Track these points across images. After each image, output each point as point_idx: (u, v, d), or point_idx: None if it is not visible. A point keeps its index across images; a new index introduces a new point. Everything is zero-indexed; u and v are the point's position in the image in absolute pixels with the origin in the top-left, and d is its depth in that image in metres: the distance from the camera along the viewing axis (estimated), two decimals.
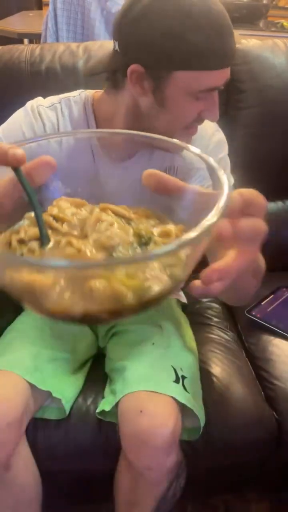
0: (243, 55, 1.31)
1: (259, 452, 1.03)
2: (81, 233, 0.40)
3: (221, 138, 0.96)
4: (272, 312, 1.18)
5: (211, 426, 0.94)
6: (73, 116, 0.88)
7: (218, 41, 0.71)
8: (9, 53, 1.26)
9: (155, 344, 0.95)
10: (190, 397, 0.88)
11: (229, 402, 0.97)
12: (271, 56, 1.31)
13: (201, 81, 0.74)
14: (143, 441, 0.81)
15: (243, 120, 1.33)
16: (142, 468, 0.85)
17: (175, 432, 0.82)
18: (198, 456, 0.96)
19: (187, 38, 0.69)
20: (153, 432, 0.80)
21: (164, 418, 0.81)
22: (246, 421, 0.97)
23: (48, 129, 0.88)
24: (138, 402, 0.84)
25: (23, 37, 2.42)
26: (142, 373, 0.88)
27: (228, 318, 1.24)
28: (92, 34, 1.88)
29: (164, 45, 0.70)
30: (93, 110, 0.87)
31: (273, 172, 1.38)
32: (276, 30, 2.72)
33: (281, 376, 1.04)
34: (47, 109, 0.89)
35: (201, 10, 0.69)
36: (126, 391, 0.85)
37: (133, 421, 0.82)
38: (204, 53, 0.70)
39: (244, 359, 1.10)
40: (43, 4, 3.50)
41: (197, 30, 0.69)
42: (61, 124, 0.88)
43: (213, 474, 1.13)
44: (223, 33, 0.71)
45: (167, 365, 0.90)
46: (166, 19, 0.69)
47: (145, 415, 0.81)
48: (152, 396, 0.84)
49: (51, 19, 1.93)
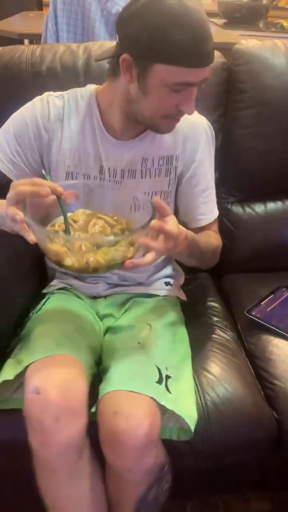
0: (243, 55, 1.32)
1: (259, 452, 1.03)
2: (85, 229, 0.86)
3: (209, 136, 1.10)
4: (272, 312, 1.18)
5: (211, 426, 0.94)
6: (78, 106, 1.03)
7: (194, 43, 0.82)
8: (10, 54, 1.26)
9: (140, 343, 0.95)
10: (173, 397, 0.87)
11: (229, 401, 0.97)
12: (271, 56, 1.31)
13: (176, 76, 0.84)
14: (118, 442, 0.81)
15: (243, 120, 1.33)
16: (118, 469, 0.85)
17: (151, 433, 0.81)
18: (198, 456, 0.96)
19: (168, 36, 0.81)
20: (128, 433, 0.80)
21: (140, 419, 0.81)
22: (246, 421, 0.97)
23: (53, 115, 1.02)
24: (115, 402, 0.84)
25: (23, 38, 2.42)
26: (124, 373, 0.88)
27: (228, 317, 1.24)
28: (92, 35, 1.89)
29: (148, 40, 0.82)
30: (97, 101, 1.01)
31: (273, 172, 1.38)
32: (276, 31, 2.72)
33: (281, 375, 1.04)
34: (56, 98, 1.04)
35: (183, 15, 0.81)
36: (106, 390, 0.86)
37: (109, 422, 0.82)
38: (181, 51, 0.82)
39: (244, 358, 1.11)
40: (43, 4, 3.51)
41: (177, 30, 0.80)
42: (66, 112, 1.02)
43: (213, 474, 1.13)
44: (200, 37, 0.82)
45: (151, 364, 0.90)
46: (153, 19, 0.81)
47: (121, 416, 0.81)
48: (131, 396, 0.84)
49: (51, 19, 1.93)
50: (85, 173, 1.04)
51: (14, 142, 1.03)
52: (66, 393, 0.82)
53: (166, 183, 1.07)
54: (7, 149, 1.03)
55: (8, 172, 1.04)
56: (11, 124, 1.04)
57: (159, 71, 0.84)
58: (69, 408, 0.81)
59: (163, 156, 1.05)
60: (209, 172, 1.11)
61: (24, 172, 1.04)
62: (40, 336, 0.95)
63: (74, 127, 1.03)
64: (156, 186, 1.06)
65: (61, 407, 0.80)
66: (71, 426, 0.81)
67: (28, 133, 1.02)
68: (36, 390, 0.81)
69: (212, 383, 0.99)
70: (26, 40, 2.46)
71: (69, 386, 0.83)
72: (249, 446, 0.99)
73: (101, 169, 1.04)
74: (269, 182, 1.41)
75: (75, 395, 0.83)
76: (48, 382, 0.82)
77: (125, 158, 1.03)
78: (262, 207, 1.41)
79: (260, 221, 1.38)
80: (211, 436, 0.94)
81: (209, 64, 0.86)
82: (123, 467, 0.84)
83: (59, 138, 1.03)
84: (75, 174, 1.04)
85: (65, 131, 1.03)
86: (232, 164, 1.29)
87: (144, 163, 1.04)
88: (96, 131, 1.02)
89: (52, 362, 0.87)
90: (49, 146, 1.03)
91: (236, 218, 1.32)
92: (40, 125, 1.02)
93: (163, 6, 0.81)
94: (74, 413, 0.82)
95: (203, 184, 1.10)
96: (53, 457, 0.83)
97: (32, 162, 1.05)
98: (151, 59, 0.84)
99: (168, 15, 0.80)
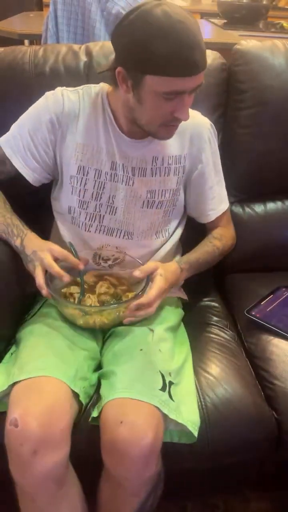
0: (242, 55, 1.32)
1: (259, 452, 1.03)
2: (93, 290, 1.06)
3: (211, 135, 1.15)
4: (271, 312, 1.18)
5: (211, 426, 0.94)
6: (92, 102, 1.05)
7: (179, 53, 0.83)
8: (13, 54, 1.26)
9: (143, 350, 0.94)
10: (175, 405, 0.87)
11: (229, 401, 0.97)
12: (271, 56, 1.32)
13: (165, 86, 0.87)
14: (121, 451, 0.80)
15: (243, 120, 1.33)
16: (119, 478, 0.85)
17: (154, 443, 0.81)
18: (198, 456, 0.96)
19: (153, 48, 0.83)
20: (132, 443, 0.80)
21: (144, 429, 0.81)
22: (245, 420, 0.97)
23: (67, 108, 1.04)
24: (120, 410, 0.83)
25: (23, 38, 2.42)
26: (128, 380, 0.88)
27: (227, 317, 1.24)
28: (92, 35, 1.89)
29: (138, 53, 0.85)
30: (108, 101, 1.05)
31: (273, 172, 1.38)
32: (276, 31, 2.73)
33: (280, 375, 1.04)
34: (70, 92, 1.06)
35: (167, 26, 0.83)
36: (110, 397, 0.85)
37: (113, 430, 0.81)
38: (167, 62, 0.84)
39: (244, 359, 1.11)
40: (43, 5, 3.52)
41: (161, 42, 0.83)
42: (81, 107, 1.05)
43: (213, 474, 1.13)
44: (186, 47, 0.84)
45: (155, 371, 0.90)
46: (140, 31, 0.84)
47: (125, 425, 0.80)
48: (135, 404, 0.83)
49: (51, 20, 1.93)
50: (96, 168, 1.06)
51: (28, 139, 1.05)
52: (46, 425, 0.79)
53: (175, 181, 1.10)
54: (20, 145, 1.06)
55: (20, 168, 1.07)
56: (25, 119, 1.07)
57: (150, 82, 0.87)
58: (48, 440, 0.79)
59: (172, 155, 1.08)
60: (215, 169, 1.16)
61: (37, 169, 1.07)
62: (31, 349, 0.94)
63: (88, 121, 1.04)
64: (165, 184, 1.09)
65: (40, 439, 0.78)
66: (49, 458, 0.79)
67: (42, 128, 1.04)
68: (14, 422, 0.79)
69: (212, 384, 1.00)
70: (26, 40, 2.46)
71: (50, 417, 0.81)
72: (249, 446, 0.99)
73: (113, 164, 1.06)
74: (269, 182, 1.41)
75: (56, 425, 0.81)
76: (28, 412, 0.80)
77: (137, 156, 1.06)
78: (262, 207, 1.41)
79: (260, 221, 1.38)
80: (211, 437, 0.94)
81: (199, 72, 0.87)
82: (124, 477, 0.84)
83: (73, 132, 1.04)
84: (86, 168, 1.06)
85: (79, 125, 1.04)
86: (232, 164, 1.29)
87: (154, 162, 1.07)
88: (109, 128, 1.04)
89: (37, 386, 0.85)
90: (62, 139, 1.05)
91: (236, 218, 1.32)
92: (54, 119, 1.03)
93: (149, 18, 0.83)
94: (53, 445, 0.80)
95: (210, 181, 1.15)
96: (31, 487, 0.82)
97: (46, 159, 1.07)
98: (141, 71, 0.87)
99: (153, 27, 0.83)
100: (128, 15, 0.87)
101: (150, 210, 1.10)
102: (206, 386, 0.99)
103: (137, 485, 0.85)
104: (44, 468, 0.79)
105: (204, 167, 1.12)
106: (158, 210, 1.11)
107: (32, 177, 1.08)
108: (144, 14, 0.84)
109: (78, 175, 1.06)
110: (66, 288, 1.04)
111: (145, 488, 0.87)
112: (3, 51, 1.28)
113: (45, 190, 1.15)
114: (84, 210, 1.08)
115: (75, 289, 1.05)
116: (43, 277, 0.96)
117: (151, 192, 1.08)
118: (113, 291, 1.05)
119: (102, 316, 0.98)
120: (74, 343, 0.98)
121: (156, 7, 0.84)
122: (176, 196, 1.12)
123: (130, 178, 1.06)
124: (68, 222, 1.11)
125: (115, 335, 1.03)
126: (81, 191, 1.07)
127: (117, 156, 1.05)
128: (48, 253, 0.96)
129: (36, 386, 0.85)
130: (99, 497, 0.94)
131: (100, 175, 1.06)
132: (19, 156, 1.06)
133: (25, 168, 1.07)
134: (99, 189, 1.06)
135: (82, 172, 1.05)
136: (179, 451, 0.94)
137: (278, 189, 1.43)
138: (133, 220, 1.10)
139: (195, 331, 1.16)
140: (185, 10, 0.87)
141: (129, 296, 1.04)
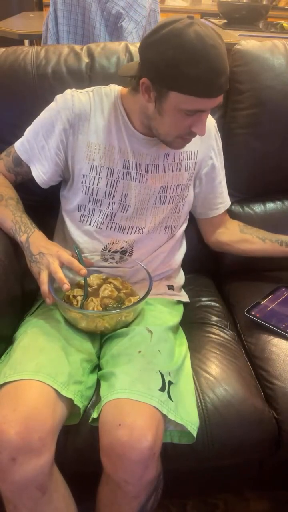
0: (242, 56, 1.32)
1: (259, 452, 1.03)
2: (97, 293, 1.06)
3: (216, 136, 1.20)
4: (271, 312, 1.19)
5: (211, 426, 0.95)
6: (103, 103, 1.06)
7: (209, 77, 0.87)
8: (15, 55, 1.26)
9: (142, 351, 0.94)
10: (174, 406, 0.87)
11: (229, 401, 0.97)
12: (271, 57, 1.32)
13: (189, 104, 0.91)
14: (120, 454, 0.80)
15: (242, 120, 1.33)
16: (119, 481, 0.84)
17: (154, 446, 0.80)
18: (198, 456, 0.96)
19: (184, 70, 0.86)
20: (131, 446, 0.79)
21: (143, 431, 0.80)
22: (245, 420, 0.97)
23: (78, 109, 1.05)
24: (118, 411, 0.83)
25: (23, 38, 2.43)
26: (127, 380, 0.87)
27: (227, 317, 1.24)
28: (92, 35, 1.89)
29: (166, 70, 0.88)
30: (122, 102, 1.06)
31: (272, 172, 1.39)
32: (276, 31, 2.73)
33: (280, 375, 1.05)
34: (80, 93, 1.07)
35: (200, 49, 0.85)
36: (109, 398, 0.85)
37: (112, 433, 0.81)
38: (195, 84, 0.87)
39: (244, 359, 1.11)
40: (43, 5, 3.52)
41: (193, 65, 0.85)
42: (92, 107, 1.06)
43: (213, 474, 1.13)
44: (216, 72, 0.87)
45: (155, 371, 0.90)
46: (170, 50, 0.86)
47: (124, 428, 0.80)
48: (134, 405, 0.83)
49: (51, 20, 1.93)
50: (109, 166, 1.07)
51: (42, 143, 1.07)
52: (23, 433, 0.78)
53: (186, 177, 1.14)
54: (35, 149, 1.08)
55: (34, 171, 1.10)
56: (38, 124, 1.09)
57: (174, 98, 0.90)
58: (27, 447, 0.78)
59: (183, 152, 1.12)
60: (221, 165, 1.23)
61: (48, 173, 1.09)
62: (23, 350, 0.92)
63: (99, 122, 1.06)
64: (177, 179, 1.13)
65: (18, 447, 0.77)
66: (29, 466, 0.78)
67: (54, 132, 1.05)
68: None
69: (212, 385, 1.00)
70: (26, 40, 2.47)
71: (27, 425, 0.79)
72: (249, 446, 0.99)
73: (125, 163, 1.07)
74: (268, 182, 1.41)
75: (34, 433, 0.79)
76: (5, 420, 0.78)
77: (150, 153, 1.08)
78: (261, 207, 1.41)
79: (259, 221, 1.38)
80: (211, 438, 0.94)
81: (222, 93, 0.92)
82: (124, 480, 0.83)
83: (85, 132, 1.05)
84: (99, 167, 1.07)
85: (91, 125, 1.05)
86: (231, 164, 1.29)
87: (166, 158, 1.10)
88: (122, 127, 1.06)
89: (19, 391, 0.83)
90: (74, 140, 1.06)
91: (236, 218, 1.32)
92: (65, 121, 1.04)
93: (182, 39, 0.85)
94: (32, 452, 0.79)
95: (220, 176, 1.22)
96: (11, 494, 0.82)
97: (57, 161, 1.08)
98: (168, 86, 0.90)
99: (186, 50, 0.85)
100: (159, 29, 0.88)
101: (162, 206, 1.13)
102: (206, 386, 0.99)
103: (137, 488, 0.85)
104: (25, 475, 0.78)
105: (214, 163, 1.18)
106: (169, 205, 1.14)
107: (42, 180, 1.10)
108: (177, 33, 0.86)
109: (90, 174, 1.07)
110: (70, 290, 1.04)
111: (145, 490, 0.87)
112: (5, 51, 1.27)
113: (48, 190, 1.15)
114: (98, 208, 1.10)
115: (79, 291, 1.05)
116: (48, 285, 0.95)
117: (164, 188, 1.11)
118: (116, 295, 1.06)
119: (104, 321, 0.99)
120: (70, 345, 0.96)
121: (188, 27, 0.85)
122: (186, 192, 1.16)
123: (143, 175, 1.08)
124: (77, 220, 1.12)
125: (113, 336, 1.03)
126: (94, 190, 1.08)
127: (130, 154, 1.07)
128: (56, 259, 0.96)
129: (19, 391, 0.83)
130: (98, 499, 0.94)
131: (112, 174, 1.07)
132: (35, 161, 1.09)
133: (37, 171, 1.09)
134: (112, 187, 1.08)
135: (95, 171, 1.07)
136: (180, 451, 0.94)
137: (277, 189, 1.43)
138: (145, 216, 1.12)
139: (195, 331, 1.16)
140: (214, 30, 0.89)
141: (131, 300, 1.04)
